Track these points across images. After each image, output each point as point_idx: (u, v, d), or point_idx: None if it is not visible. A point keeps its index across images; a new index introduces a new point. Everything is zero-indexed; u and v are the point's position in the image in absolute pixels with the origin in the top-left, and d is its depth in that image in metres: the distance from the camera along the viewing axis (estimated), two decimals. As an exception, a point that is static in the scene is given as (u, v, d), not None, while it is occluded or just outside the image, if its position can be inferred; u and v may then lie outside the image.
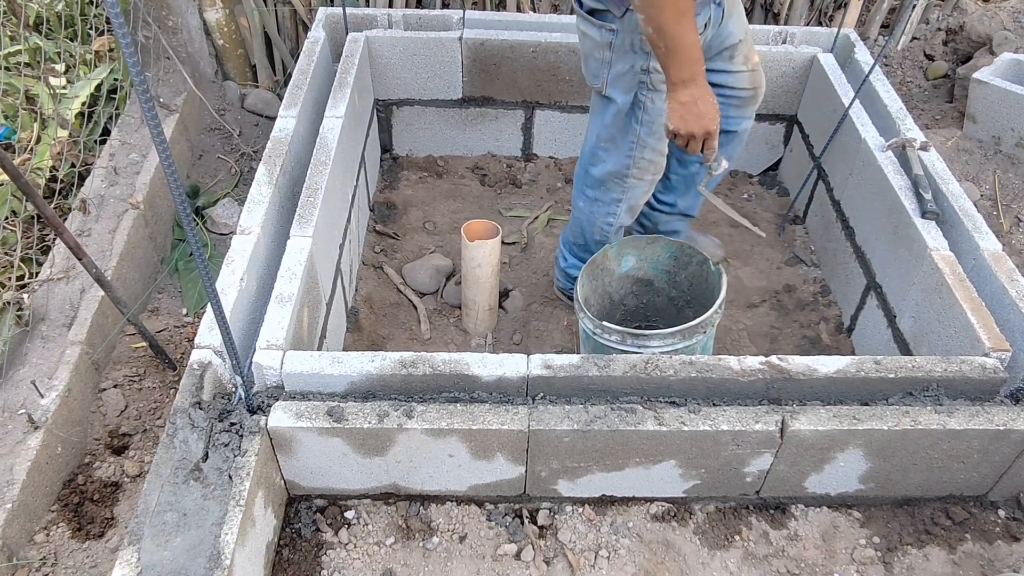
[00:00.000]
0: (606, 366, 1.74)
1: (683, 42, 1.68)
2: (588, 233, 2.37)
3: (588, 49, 2.01)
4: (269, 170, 2.16)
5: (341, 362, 1.72)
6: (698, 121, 1.78)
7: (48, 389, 1.91)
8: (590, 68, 2.04)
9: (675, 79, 1.74)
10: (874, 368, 1.76)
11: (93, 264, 1.83)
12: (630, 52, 1.91)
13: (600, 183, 2.22)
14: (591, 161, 2.22)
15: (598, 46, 1.95)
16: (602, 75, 1.99)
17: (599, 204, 2.27)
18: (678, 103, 1.77)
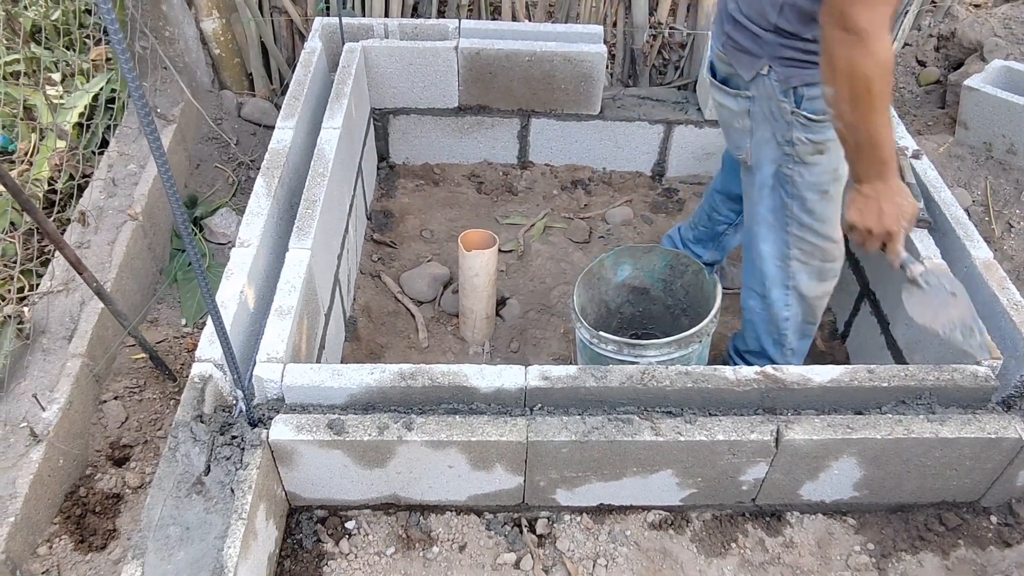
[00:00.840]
0: (603, 377, 1.76)
1: (875, 141, 1.55)
2: (764, 336, 2.17)
3: (727, 119, 1.95)
4: (267, 182, 2.17)
5: (341, 375, 1.73)
6: (876, 219, 1.63)
7: (50, 402, 1.92)
8: (732, 139, 1.97)
9: (861, 174, 1.62)
10: (867, 377, 1.79)
11: (94, 278, 1.85)
12: (769, 119, 1.82)
13: (765, 274, 2.05)
14: (750, 244, 2.07)
15: (736, 115, 1.89)
16: (744, 145, 1.92)
17: (771, 295, 2.08)
18: (860, 195, 1.64)
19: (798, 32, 1.67)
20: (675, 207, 3.09)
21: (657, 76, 3.42)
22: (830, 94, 1.54)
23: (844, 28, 1.44)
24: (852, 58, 1.46)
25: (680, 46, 3.35)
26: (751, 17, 1.73)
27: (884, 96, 1.50)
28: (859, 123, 1.54)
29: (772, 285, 2.06)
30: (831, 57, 1.49)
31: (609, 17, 3.28)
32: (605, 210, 3.05)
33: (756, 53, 1.75)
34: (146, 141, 2.64)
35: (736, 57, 1.80)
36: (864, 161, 1.60)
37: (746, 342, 2.23)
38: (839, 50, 1.47)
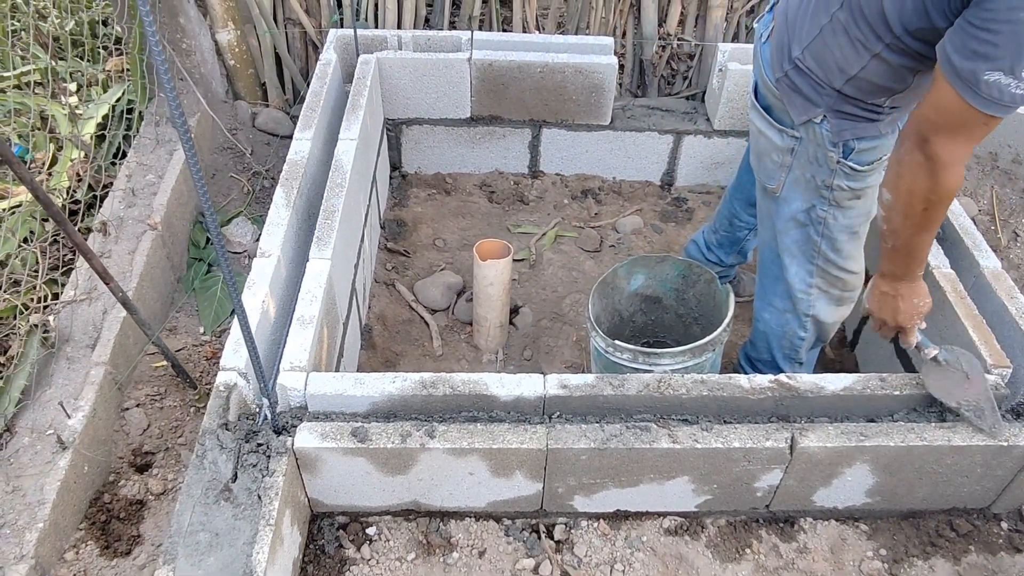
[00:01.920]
0: (620, 385, 1.80)
1: (913, 252, 1.61)
2: (776, 348, 2.19)
3: (764, 148, 1.89)
4: (286, 192, 2.21)
5: (363, 383, 1.77)
6: (892, 314, 1.73)
7: (75, 410, 1.95)
8: (765, 167, 1.91)
9: (887, 271, 1.68)
10: (880, 386, 1.82)
11: (119, 288, 1.88)
12: (812, 163, 1.80)
13: (787, 293, 2.06)
14: (772, 270, 2.07)
15: (777, 149, 1.84)
16: (779, 178, 1.88)
17: (788, 316, 2.10)
18: (880, 290, 1.72)
19: (862, 98, 1.66)
20: (684, 216, 3.13)
21: (666, 86, 3.46)
22: (886, 199, 1.55)
23: (923, 152, 1.43)
24: (920, 181, 1.46)
25: (689, 57, 3.40)
26: (814, 71, 1.67)
27: (938, 220, 1.54)
28: (904, 234, 1.57)
29: (791, 308, 2.07)
30: (900, 171, 1.49)
31: (618, 28, 3.32)
32: (615, 219, 3.08)
33: (814, 101, 1.70)
34: (163, 152, 2.69)
35: (790, 97, 1.75)
36: (896, 262, 1.65)
37: (757, 350, 2.26)
38: (910, 169, 1.47)
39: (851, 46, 1.58)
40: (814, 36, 1.64)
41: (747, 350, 2.34)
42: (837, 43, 1.60)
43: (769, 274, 2.10)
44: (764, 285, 2.15)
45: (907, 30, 1.48)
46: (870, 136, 1.71)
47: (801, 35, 1.68)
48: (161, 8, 2.81)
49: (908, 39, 1.50)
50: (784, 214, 1.93)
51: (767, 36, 1.82)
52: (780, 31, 1.76)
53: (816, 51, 1.65)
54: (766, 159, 1.89)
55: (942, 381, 1.79)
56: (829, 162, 1.76)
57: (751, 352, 2.30)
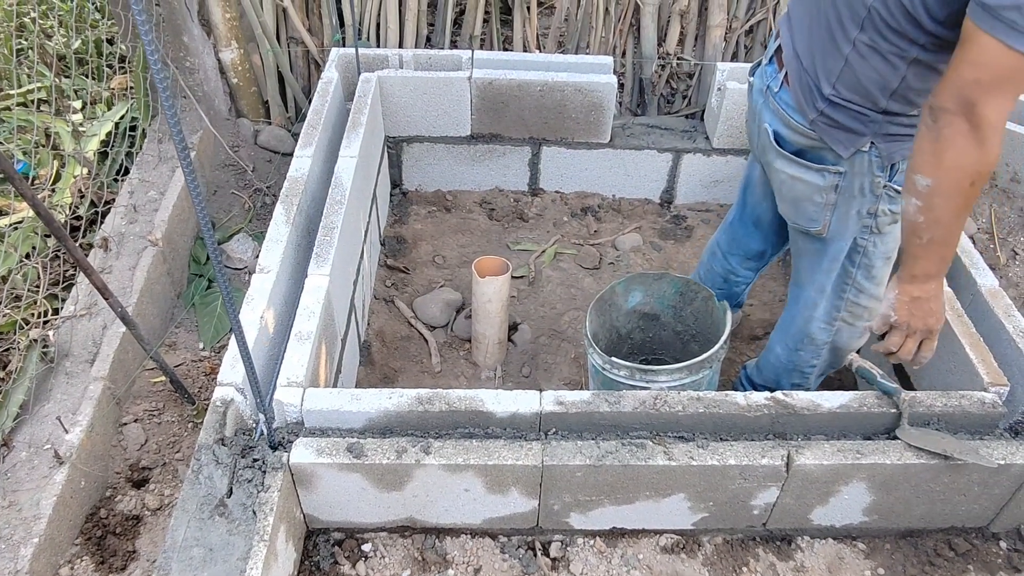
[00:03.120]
0: (616, 402, 1.80)
1: (952, 239, 1.51)
2: (784, 379, 2.19)
3: (804, 193, 1.81)
4: (286, 209, 2.23)
5: (359, 399, 1.77)
6: (925, 319, 1.62)
7: (72, 424, 1.96)
8: (805, 213, 1.85)
9: (919, 272, 1.57)
10: (876, 403, 1.82)
11: (119, 304, 1.89)
12: (859, 195, 1.76)
13: (805, 334, 2.05)
14: (805, 315, 2.04)
15: (819, 190, 1.78)
16: (823, 218, 1.82)
17: (802, 353, 2.10)
18: (909, 296, 1.60)
19: (905, 111, 1.63)
20: (684, 234, 3.14)
21: (665, 105, 3.49)
22: (924, 184, 1.44)
23: (970, 120, 1.34)
24: (968, 153, 1.37)
25: (688, 76, 3.42)
26: (853, 100, 1.63)
27: (976, 196, 1.45)
28: (946, 219, 1.47)
29: (810, 343, 2.07)
30: (940, 147, 1.39)
31: (618, 47, 3.35)
32: (615, 237, 3.10)
33: (859, 131, 1.66)
34: (166, 168, 2.71)
35: (831, 134, 1.69)
36: (932, 258, 1.55)
37: (764, 378, 2.25)
38: (954, 143, 1.37)
39: (885, 62, 1.54)
40: (841, 67, 1.60)
41: (751, 373, 2.33)
42: (870, 65, 1.56)
43: (794, 315, 2.07)
44: (784, 323, 2.12)
45: (938, 21, 1.42)
46: None
47: (826, 71, 1.64)
48: (165, 27, 2.85)
49: (942, 30, 1.43)
50: (832, 253, 1.89)
51: (780, 84, 1.76)
52: (798, 75, 1.71)
53: (849, 81, 1.61)
54: (806, 204, 1.83)
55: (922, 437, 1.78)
56: (875, 188, 1.74)
57: (756, 377, 2.29)
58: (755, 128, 1.92)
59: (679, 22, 3.27)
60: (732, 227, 2.32)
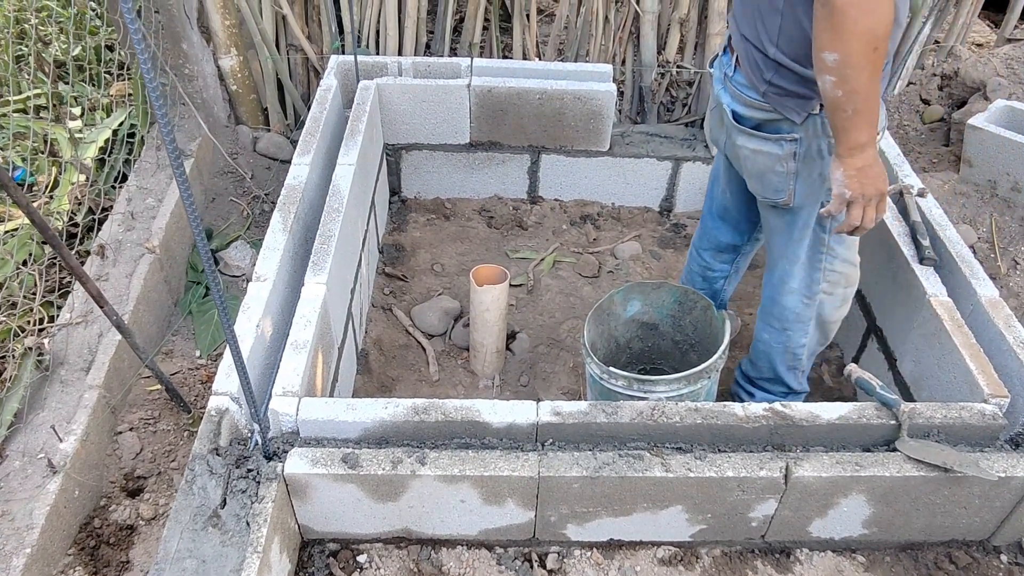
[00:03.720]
0: (614, 413, 1.78)
1: (873, 102, 1.57)
2: (779, 364, 2.21)
3: (765, 165, 1.87)
4: (284, 217, 2.22)
5: (355, 409, 1.76)
6: (875, 183, 1.66)
7: (67, 433, 1.95)
8: (770, 184, 1.89)
9: (853, 143, 1.61)
10: (875, 415, 1.80)
11: (114, 312, 1.88)
12: (817, 158, 1.81)
13: (789, 309, 2.09)
14: (781, 289, 2.08)
15: (780, 159, 1.84)
16: (788, 187, 1.87)
17: (788, 332, 2.13)
18: (854, 168, 1.64)
19: None
20: (683, 242, 3.13)
21: (665, 113, 3.48)
22: (832, 60, 1.50)
23: None
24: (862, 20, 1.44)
25: (688, 84, 3.42)
26: (797, 58, 1.68)
27: (883, 59, 1.52)
28: (863, 86, 1.52)
29: (795, 320, 2.10)
30: (843, 19, 1.45)
31: (618, 56, 3.35)
32: (614, 245, 3.09)
33: (807, 95, 1.72)
34: (163, 176, 2.70)
35: (783, 102, 1.76)
36: (860, 127, 1.59)
37: (758, 369, 2.26)
38: (848, 13, 1.44)
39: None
40: (779, 22, 1.67)
41: (746, 370, 2.34)
42: (804, 9, 1.59)
43: (772, 295, 2.12)
44: (765, 307, 2.16)
45: None
46: None
47: (768, 34, 1.71)
48: (164, 35, 2.85)
49: None
50: (801, 222, 1.94)
51: (734, 69, 1.86)
52: (746, 53, 1.80)
53: (789, 34, 1.67)
54: (769, 176, 1.89)
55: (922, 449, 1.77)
56: (832, 149, 1.75)
57: (751, 372, 2.30)
58: (716, 116, 2.01)
59: (679, 30, 3.27)
60: (704, 222, 2.38)
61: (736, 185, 2.17)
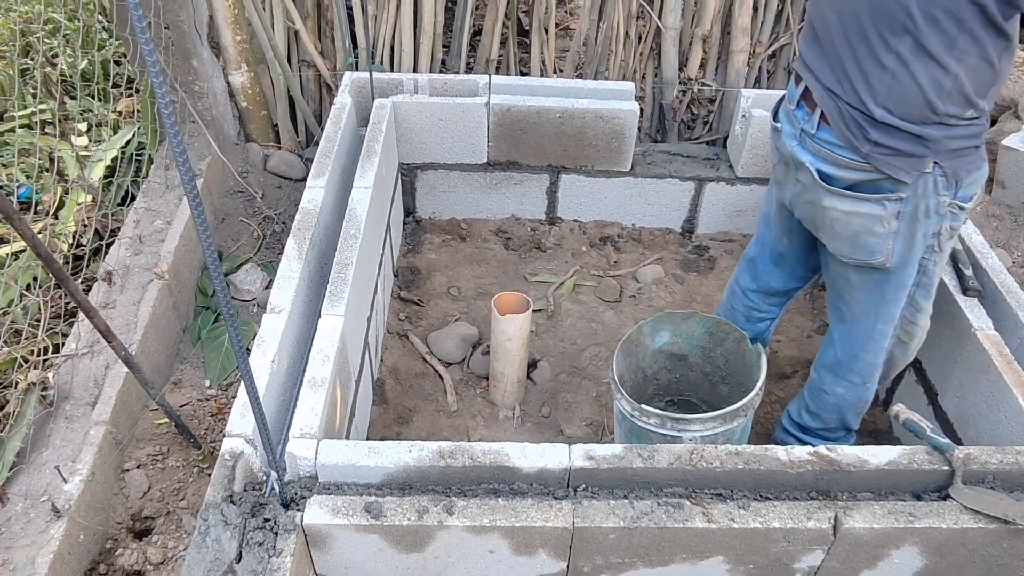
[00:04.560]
0: (650, 457, 1.69)
1: None
2: (850, 414, 2.11)
3: (862, 226, 1.75)
4: (299, 243, 2.13)
5: (378, 453, 1.66)
6: None
7: (72, 474, 1.85)
8: (866, 246, 1.77)
9: None
10: (927, 460, 1.70)
11: (123, 347, 1.79)
12: (923, 218, 1.72)
13: (873, 366, 2.00)
14: (868, 347, 1.97)
15: (880, 220, 1.72)
16: (886, 248, 1.76)
17: (868, 386, 2.05)
18: None
19: (961, 113, 1.59)
20: (707, 265, 3.03)
21: (685, 131, 3.39)
22: None
23: None
24: None
25: (709, 101, 3.33)
26: (908, 117, 1.59)
27: None
28: None
29: (876, 372, 2.02)
30: None
31: (638, 72, 3.26)
32: (635, 268, 2.99)
33: (920, 154, 1.63)
34: (172, 196, 2.61)
35: (890, 163, 1.64)
36: None
37: (822, 420, 2.12)
38: None
39: (933, 61, 1.53)
40: (888, 82, 1.58)
41: (801, 420, 2.18)
42: (920, 67, 1.55)
43: (854, 351, 1.98)
44: (843, 363, 2.02)
45: None
46: (975, 167, 1.70)
47: (872, 93, 1.60)
48: (174, 51, 2.76)
49: None
50: (896, 282, 1.83)
51: (817, 125, 1.72)
52: (839, 112, 1.67)
53: (899, 95, 1.58)
54: (866, 237, 1.76)
55: (978, 498, 1.67)
56: (940, 207, 1.70)
57: (811, 422, 2.15)
58: (790, 172, 1.87)
59: (701, 46, 3.18)
60: (752, 264, 2.23)
61: (798, 236, 2.04)
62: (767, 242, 2.16)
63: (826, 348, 2.08)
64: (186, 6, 2.72)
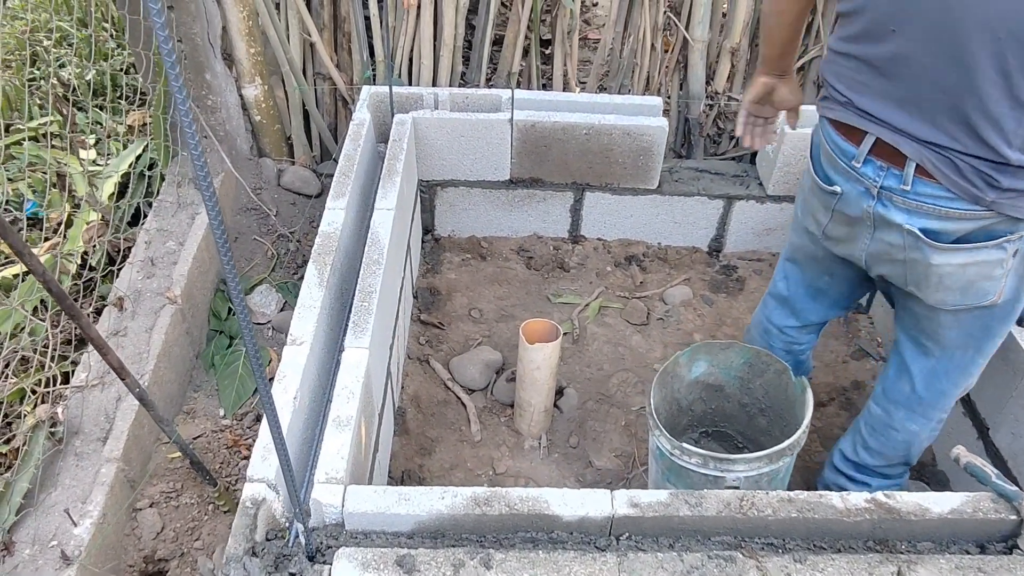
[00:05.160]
0: (697, 504, 1.58)
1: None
2: (915, 452, 1.98)
3: (980, 274, 1.58)
4: (319, 270, 2.03)
5: (409, 500, 1.56)
6: None
7: (82, 516, 1.75)
8: (979, 291, 1.61)
9: None
10: (992, 508, 1.60)
11: (136, 383, 1.69)
12: None
13: (951, 398, 1.87)
14: (959, 382, 1.83)
15: (999, 263, 1.56)
16: (999, 287, 1.61)
17: (943, 419, 1.92)
18: None
19: None
20: (736, 286, 2.93)
21: (711, 145, 3.29)
22: None
23: None
24: None
25: (736, 115, 3.22)
26: None
27: None
28: None
29: (949, 408, 1.90)
30: None
31: (663, 86, 3.16)
32: (663, 289, 2.89)
33: None
34: (184, 216, 2.51)
35: (1016, 204, 1.46)
36: None
37: (887, 458, 1.98)
38: None
39: None
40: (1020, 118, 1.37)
41: (861, 459, 2.02)
42: None
43: (944, 388, 1.83)
44: (925, 399, 1.86)
45: None
46: None
47: (1001, 135, 1.39)
48: (187, 65, 2.67)
49: None
50: (1004, 315, 1.68)
51: (911, 181, 1.51)
52: (950, 164, 1.46)
53: None
54: (981, 283, 1.60)
55: None
56: None
57: (870, 460, 2.00)
58: (861, 231, 1.67)
59: (729, 59, 3.08)
60: (787, 303, 2.08)
61: (842, 274, 1.90)
62: (802, 282, 2.01)
63: (896, 382, 1.90)
64: (200, 18, 2.62)
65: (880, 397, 1.95)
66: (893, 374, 1.91)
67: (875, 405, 1.97)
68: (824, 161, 1.70)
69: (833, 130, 1.64)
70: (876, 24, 1.47)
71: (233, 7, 2.72)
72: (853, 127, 1.58)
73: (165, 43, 0.84)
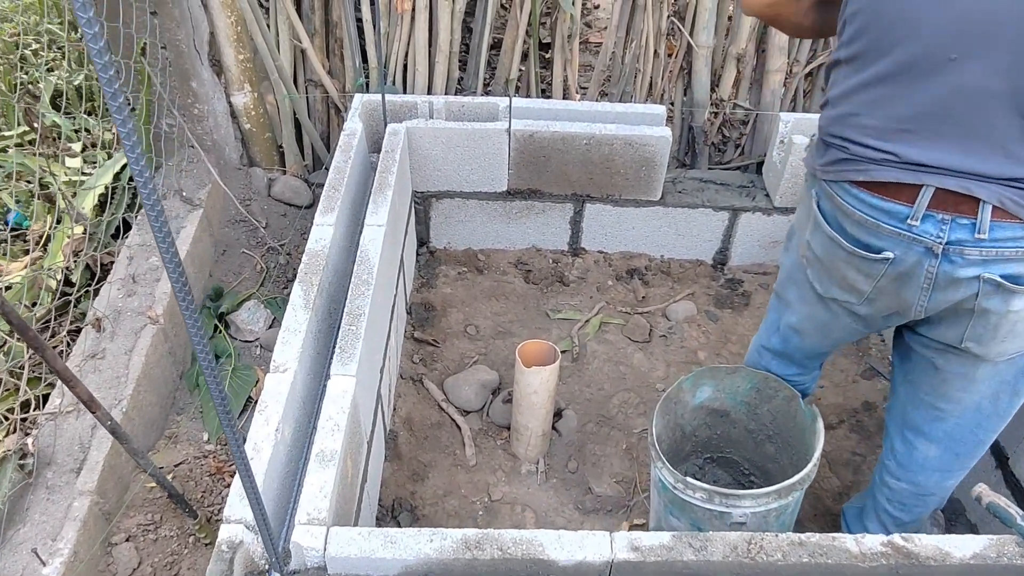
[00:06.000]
0: (702, 548, 1.49)
1: None
2: (937, 504, 1.86)
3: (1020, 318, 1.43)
4: (306, 291, 1.93)
5: (395, 543, 1.46)
6: None
7: (51, 555, 1.66)
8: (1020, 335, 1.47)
9: None
10: (1018, 553, 1.50)
11: (108, 416, 1.60)
12: None
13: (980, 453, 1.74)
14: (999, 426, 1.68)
15: None
16: None
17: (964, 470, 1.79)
18: None
19: None
20: (741, 301, 2.83)
21: (715, 154, 3.19)
22: None
23: None
24: None
25: (742, 123, 3.13)
26: None
27: None
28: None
29: None
30: None
31: (666, 93, 3.06)
32: (665, 304, 2.79)
33: None
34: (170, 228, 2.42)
35: None
36: None
37: (913, 514, 1.86)
38: None
39: None
40: None
41: (895, 513, 1.88)
42: None
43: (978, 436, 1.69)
44: (961, 455, 1.73)
45: None
46: None
47: None
48: (172, 72, 2.57)
49: None
50: None
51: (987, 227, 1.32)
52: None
53: None
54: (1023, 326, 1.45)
55: None
56: None
57: (899, 513, 1.86)
58: (920, 293, 1.46)
59: (735, 66, 2.98)
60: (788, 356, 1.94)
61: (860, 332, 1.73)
62: (802, 347, 1.87)
63: (917, 454, 1.75)
64: (185, 24, 2.53)
65: (906, 473, 1.79)
66: (904, 450, 1.76)
67: (894, 480, 1.81)
68: (851, 227, 1.48)
69: (866, 193, 1.41)
70: (928, 56, 1.29)
71: (220, 12, 2.62)
72: (901, 184, 1.36)
73: (99, 56, 0.75)
